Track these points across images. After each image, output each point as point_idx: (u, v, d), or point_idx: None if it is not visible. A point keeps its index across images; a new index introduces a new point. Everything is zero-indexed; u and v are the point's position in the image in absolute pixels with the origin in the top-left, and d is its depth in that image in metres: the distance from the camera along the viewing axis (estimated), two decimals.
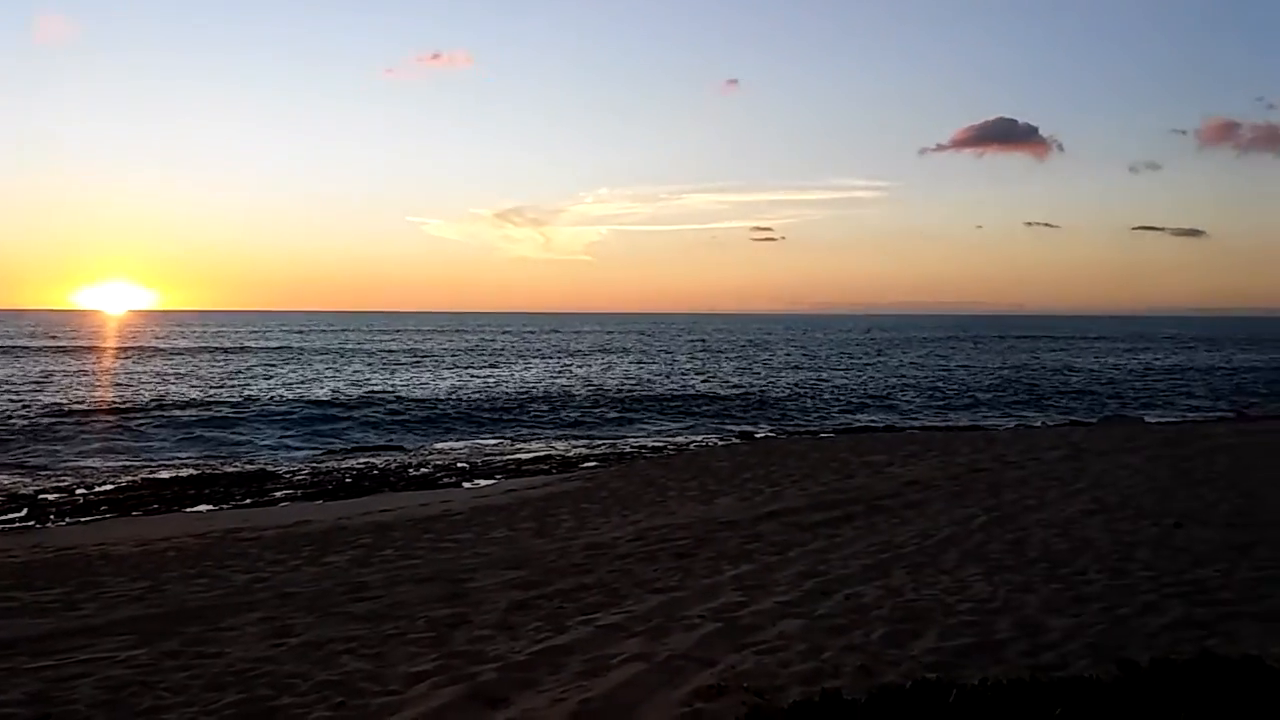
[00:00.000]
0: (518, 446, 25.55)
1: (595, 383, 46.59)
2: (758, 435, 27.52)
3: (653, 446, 25.06)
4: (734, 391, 41.93)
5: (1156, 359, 74.67)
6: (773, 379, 50.13)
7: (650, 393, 40.84)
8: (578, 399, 37.68)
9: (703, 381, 47.71)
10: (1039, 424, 30.14)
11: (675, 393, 40.99)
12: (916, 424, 30.56)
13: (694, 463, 19.47)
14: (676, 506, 14.14)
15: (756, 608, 8.02)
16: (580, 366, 60.92)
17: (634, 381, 47.50)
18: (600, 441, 26.65)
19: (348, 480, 19.63)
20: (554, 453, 23.94)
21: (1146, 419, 31.32)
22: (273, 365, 57.67)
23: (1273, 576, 8.61)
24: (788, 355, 77.16)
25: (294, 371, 52.79)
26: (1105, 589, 8.41)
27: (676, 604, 8.27)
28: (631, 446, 25.12)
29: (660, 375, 52.44)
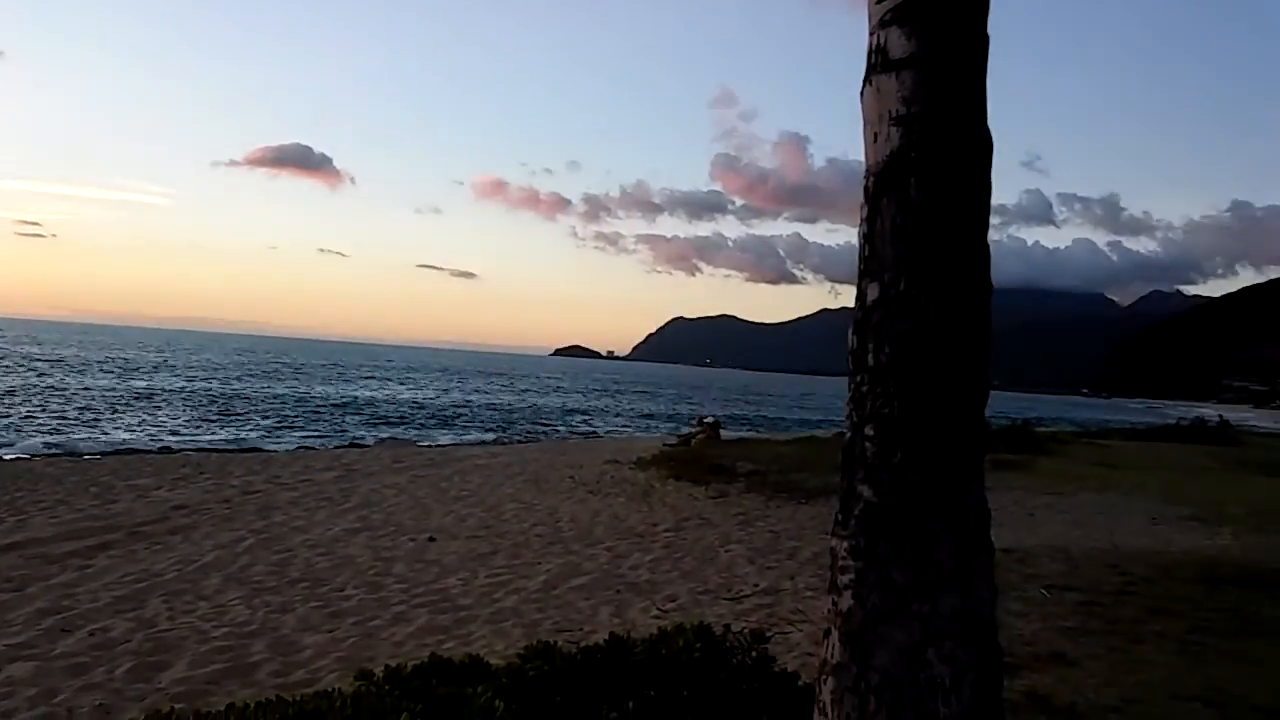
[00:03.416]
0: None
1: None
2: (6, 457, 23.97)
3: None
4: None
5: (436, 388, 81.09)
6: (40, 390, 44.09)
7: None
8: None
9: None
10: (319, 446, 30.75)
11: None
12: (194, 445, 29.22)
13: None
14: None
15: None
16: None
17: None
18: None
19: None
20: None
21: (419, 442, 33.71)
22: None
23: (504, 582, 9.85)
24: (71, 364, 68.62)
25: None
26: (361, 603, 8.87)
27: None
28: None
29: None
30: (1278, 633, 6.53)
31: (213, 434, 33.92)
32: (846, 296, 2.96)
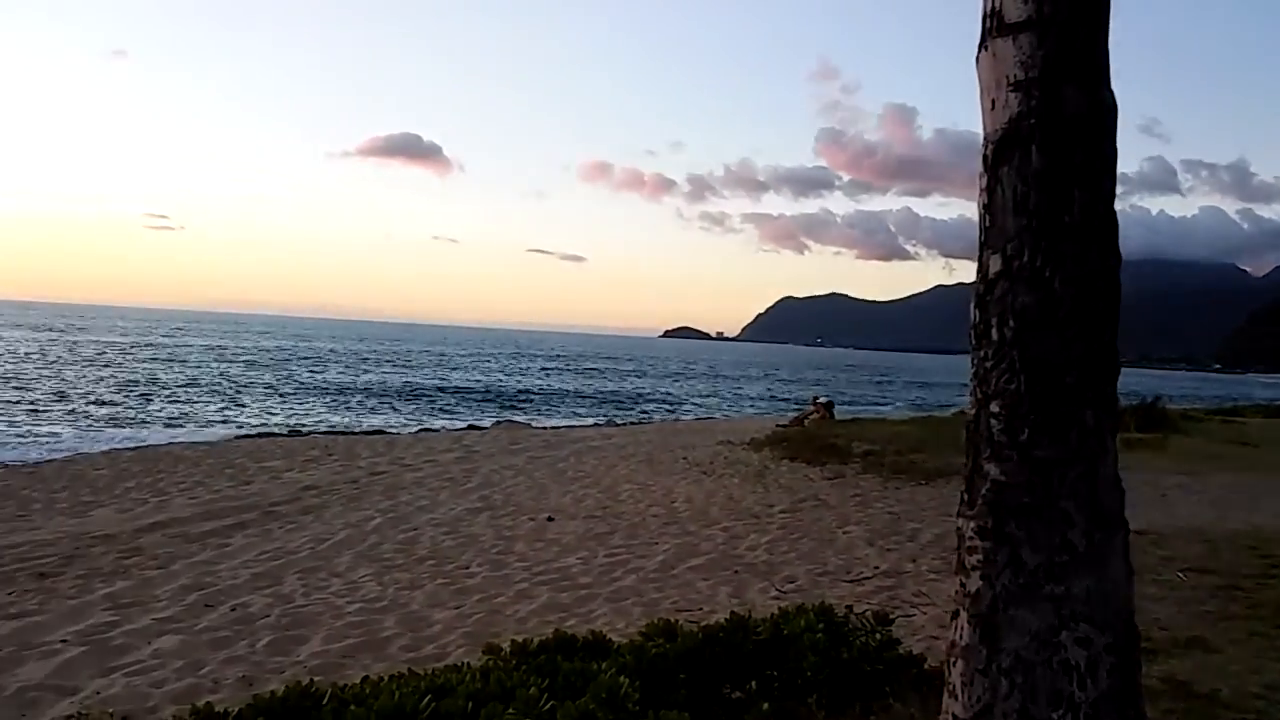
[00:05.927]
0: None
1: None
2: (150, 441, 25.28)
3: (10, 458, 21.80)
4: (126, 392, 38.11)
5: (549, 371, 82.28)
6: (174, 378, 46.39)
7: (12, 393, 35.58)
8: None
9: (89, 381, 42.69)
10: (439, 428, 31.53)
11: (48, 393, 36.18)
12: (321, 429, 30.29)
13: (66, 471, 17.36)
14: (42, 520, 12.52)
15: (130, 627, 7.44)
16: None
17: None
18: None
19: None
20: None
21: (533, 424, 34.26)
22: None
23: (622, 561, 9.96)
24: (200, 353, 71.99)
25: None
26: (485, 580, 9.11)
27: (35, 629, 7.38)
28: None
29: (29, 373, 45.88)
30: None
31: (338, 417, 35.11)
32: (962, 272, 2.95)
